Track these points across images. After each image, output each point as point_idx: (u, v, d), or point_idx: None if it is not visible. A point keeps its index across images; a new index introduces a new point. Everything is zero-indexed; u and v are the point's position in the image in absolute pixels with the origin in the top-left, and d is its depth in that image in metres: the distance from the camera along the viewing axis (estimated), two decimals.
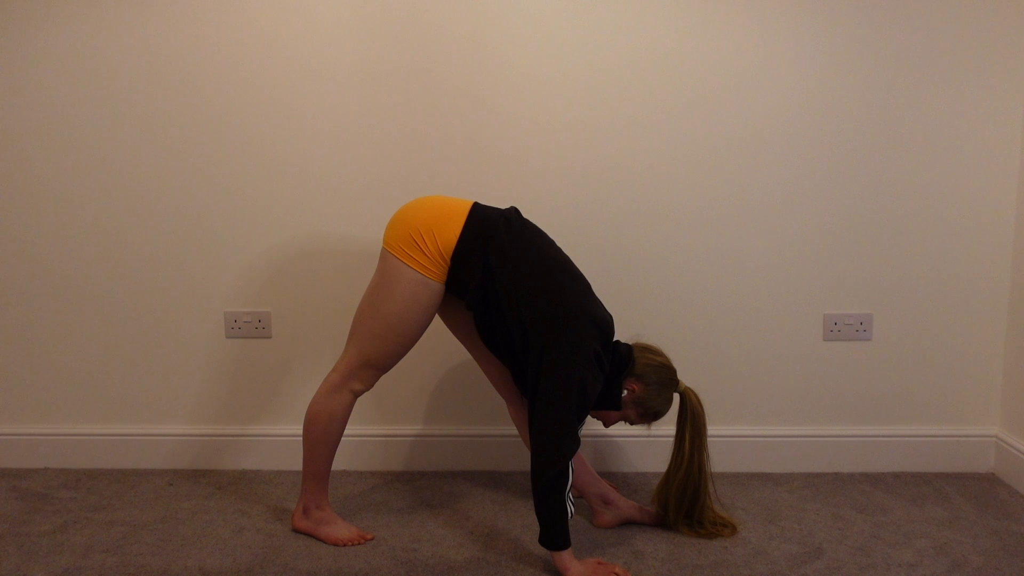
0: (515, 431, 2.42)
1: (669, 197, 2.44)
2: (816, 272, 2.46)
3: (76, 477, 2.50)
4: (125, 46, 2.40)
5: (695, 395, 2.03)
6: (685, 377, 2.08)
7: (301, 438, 2.35)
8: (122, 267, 2.50)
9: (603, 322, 1.93)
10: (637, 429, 2.27)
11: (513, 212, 2.02)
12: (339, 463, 2.46)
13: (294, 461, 2.51)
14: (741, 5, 2.35)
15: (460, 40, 2.37)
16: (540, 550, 1.99)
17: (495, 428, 2.54)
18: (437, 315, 2.15)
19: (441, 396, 2.55)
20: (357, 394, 2.04)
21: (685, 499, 2.06)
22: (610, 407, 2.00)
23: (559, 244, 2.05)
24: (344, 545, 2.05)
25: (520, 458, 2.49)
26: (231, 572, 1.93)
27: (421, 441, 2.56)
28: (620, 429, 2.41)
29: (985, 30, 2.35)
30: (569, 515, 1.87)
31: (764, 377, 2.51)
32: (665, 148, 2.41)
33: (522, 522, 2.19)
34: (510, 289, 1.91)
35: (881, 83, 2.38)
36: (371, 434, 2.56)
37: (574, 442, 1.86)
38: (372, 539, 2.09)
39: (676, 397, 2.04)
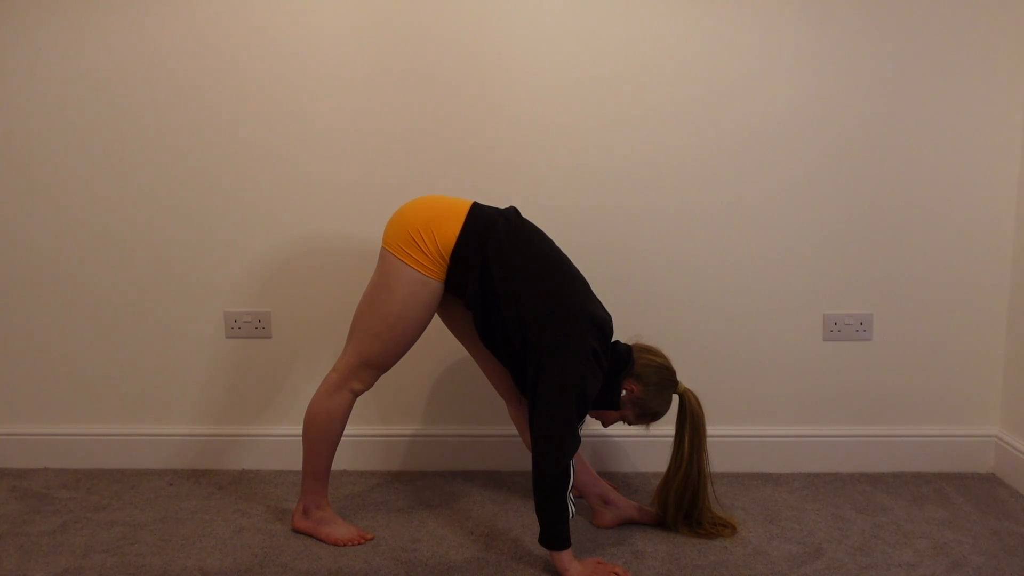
0: (515, 431, 2.41)
1: (669, 197, 2.43)
2: (816, 272, 2.46)
3: (76, 477, 2.50)
4: (125, 47, 2.40)
5: (694, 396, 2.02)
6: (685, 377, 2.08)
7: (301, 438, 2.35)
8: (122, 267, 2.51)
9: (602, 321, 1.93)
10: (637, 429, 2.27)
11: (512, 212, 2.02)
12: (339, 463, 2.46)
13: (294, 461, 2.51)
14: (741, 8, 2.35)
15: (460, 41, 2.37)
16: (540, 550, 1.99)
17: (495, 428, 2.54)
18: (436, 315, 2.15)
19: (441, 396, 2.55)
20: (357, 393, 2.04)
21: (684, 500, 2.06)
22: (608, 407, 2.00)
23: (558, 244, 2.05)
24: (344, 545, 2.05)
25: (520, 458, 2.49)
26: (231, 572, 1.93)
27: (421, 441, 2.56)
28: (620, 429, 2.41)
29: (985, 30, 2.34)
30: (570, 515, 1.87)
31: (764, 377, 2.51)
32: (666, 149, 2.41)
33: (522, 522, 2.19)
34: (509, 288, 1.91)
35: (881, 83, 2.37)
36: (371, 434, 2.56)
37: (574, 441, 1.86)
38: (372, 539, 2.09)
39: (675, 398, 2.04)
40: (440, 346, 2.48)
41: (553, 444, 1.84)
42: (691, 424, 2.01)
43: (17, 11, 2.39)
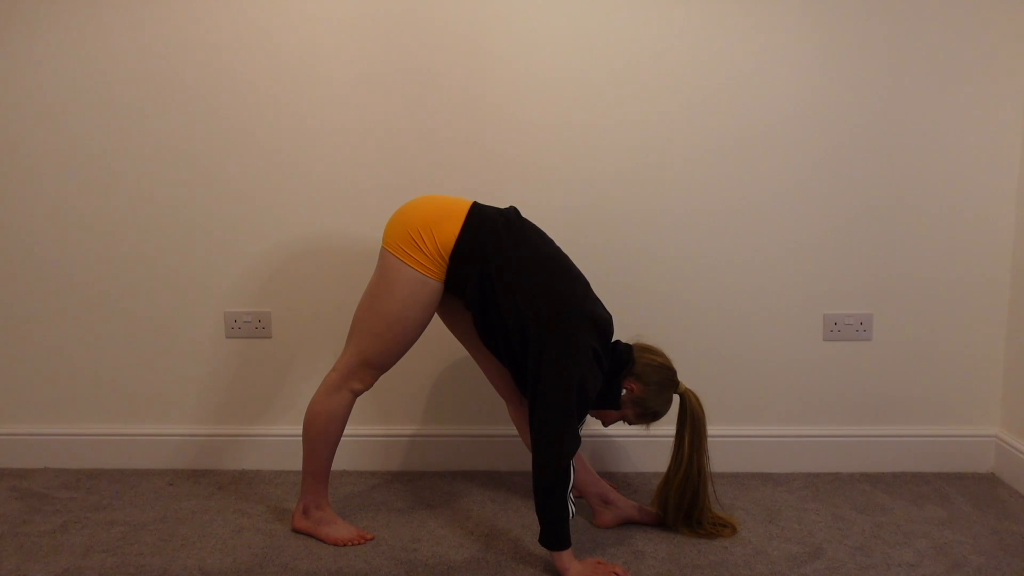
0: (515, 431, 2.41)
1: (669, 197, 2.44)
2: (816, 272, 2.46)
3: (76, 477, 2.50)
4: (125, 46, 2.40)
5: (695, 396, 2.02)
6: (685, 377, 2.08)
7: (301, 438, 2.35)
8: (122, 267, 2.51)
9: (602, 320, 1.93)
10: (637, 429, 2.27)
11: (512, 212, 2.02)
12: (339, 463, 2.46)
13: (294, 461, 2.51)
14: (741, 7, 2.35)
15: (461, 41, 2.37)
16: (540, 550, 1.99)
17: (495, 428, 2.54)
18: (436, 315, 2.15)
19: (441, 396, 2.55)
20: (357, 393, 2.04)
21: (684, 500, 2.06)
22: (609, 406, 2.00)
23: (559, 244, 2.05)
24: (344, 545, 2.05)
25: (520, 458, 2.49)
26: (231, 572, 1.93)
27: (421, 441, 2.56)
28: (620, 429, 2.41)
29: (985, 30, 2.35)
30: (570, 515, 1.87)
31: (764, 377, 2.51)
32: (665, 148, 2.41)
33: (522, 522, 2.19)
34: (509, 288, 1.91)
35: (881, 83, 2.38)
36: (371, 434, 2.56)
37: (575, 441, 1.86)
38: (372, 539, 2.09)
39: (676, 398, 2.04)
40: (440, 346, 2.48)
41: (553, 444, 1.84)
42: (691, 424, 2.01)
43: (16, 10, 2.39)
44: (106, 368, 2.56)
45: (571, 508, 1.87)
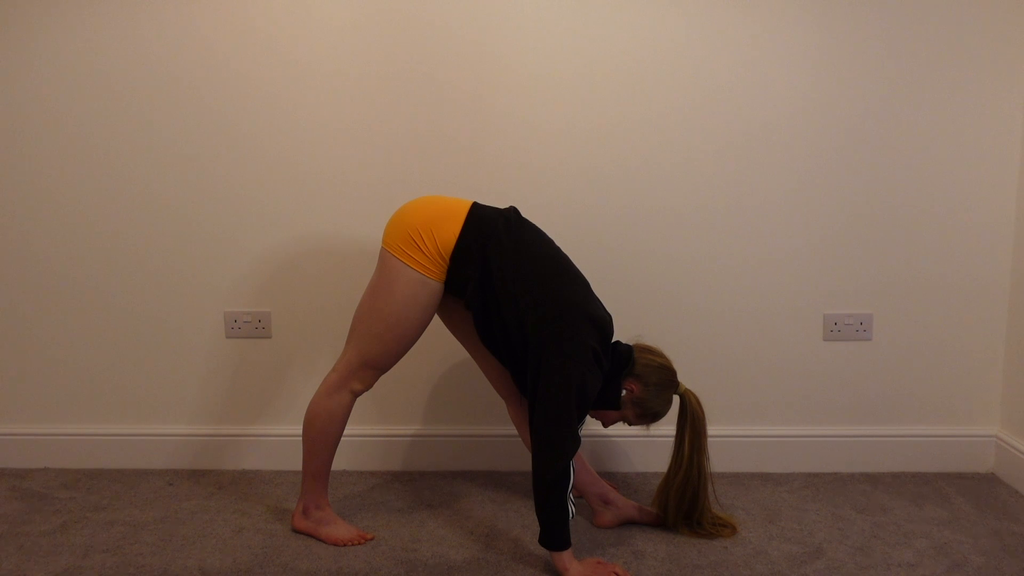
0: (515, 431, 2.41)
1: (669, 197, 2.44)
2: (816, 272, 2.46)
3: (76, 477, 2.50)
4: (124, 46, 2.40)
5: (695, 397, 2.02)
6: (685, 377, 2.08)
7: (301, 438, 2.35)
8: (122, 267, 2.51)
9: (602, 321, 1.93)
10: (637, 429, 2.27)
11: (512, 212, 2.02)
12: (339, 463, 2.46)
13: (294, 461, 2.51)
14: (741, 7, 2.35)
15: (461, 41, 2.37)
16: (540, 550, 1.99)
17: (495, 428, 2.54)
18: (436, 315, 2.15)
19: (441, 396, 2.55)
20: (356, 394, 2.04)
21: (684, 501, 2.06)
22: (609, 407, 2.00)
23: (559, 244, 2.05)
24: (344, 545, 2.05)
25: (520, 458, 2.49)
26: (231, 572, 1.93)
27: (421, 441, 2.56)
28: (620, 429, 2.41)
29: (985, 30, 2.34)
30: (570, 515, 1.87)
31: (764, 377, 2.51)
32: (665, 149, 2.41)
33: (522, 522, 2.19)
34: (509, 288, 1.90)
35: (881, 83, 2.38)
36: (371, 434, 2.56)
37: (575, 441, 1.86)
38: (372, 539, 2.09)
39: (676, 399, 2.04)
40: (440, 346, 2.48)
41: (553, 444, 1.84)
42: (691, 425, 2.01)
43: (16, 10, 2.39)
44: (106, 368, 2.56)
45: (571, 508, 1.87)
